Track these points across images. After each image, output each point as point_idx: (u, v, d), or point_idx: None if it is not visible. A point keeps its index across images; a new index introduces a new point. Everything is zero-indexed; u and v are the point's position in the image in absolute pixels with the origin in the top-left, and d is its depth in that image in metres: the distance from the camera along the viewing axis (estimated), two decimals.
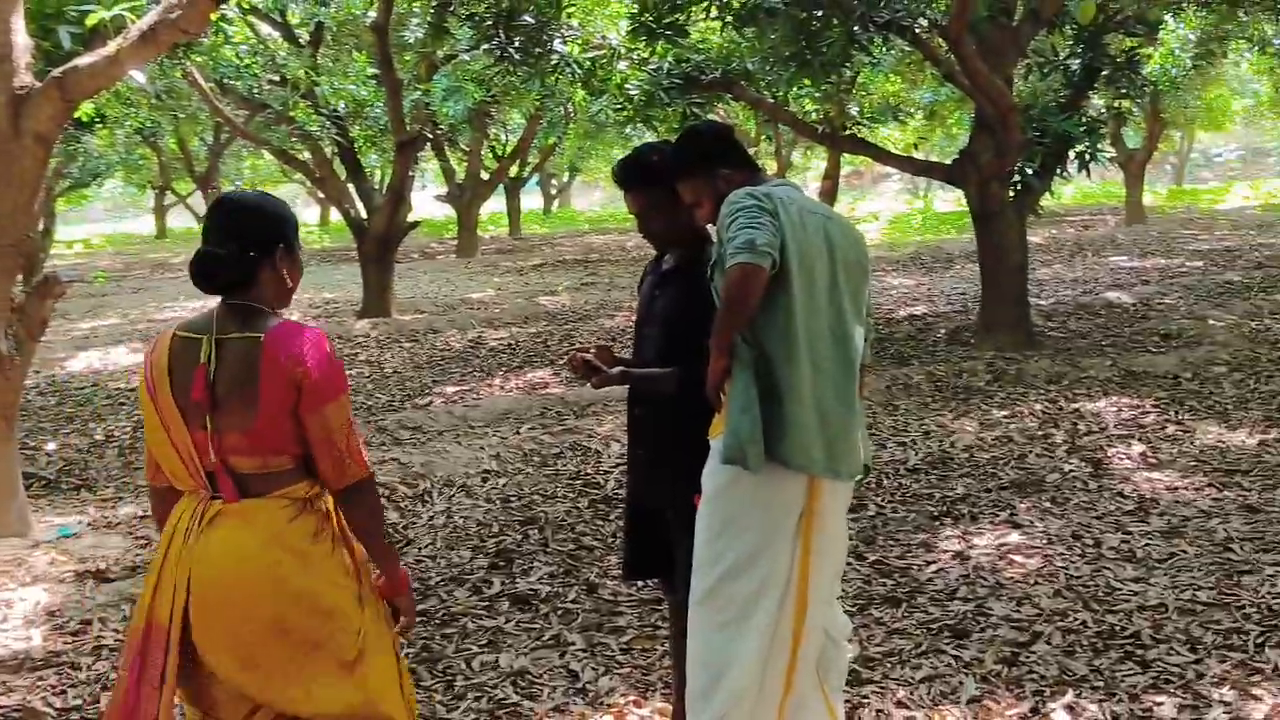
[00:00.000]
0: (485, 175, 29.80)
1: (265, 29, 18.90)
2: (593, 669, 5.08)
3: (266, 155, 33.12)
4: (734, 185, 3.71)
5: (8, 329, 6.79)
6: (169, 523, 3.16)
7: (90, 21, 7.17)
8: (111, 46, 6.57)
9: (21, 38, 6.51)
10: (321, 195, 38.73)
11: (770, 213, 3.46)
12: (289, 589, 3.06)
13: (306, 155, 19.04)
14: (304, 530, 3.12)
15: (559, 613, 5.76)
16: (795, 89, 13.87)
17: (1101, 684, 4.62)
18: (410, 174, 17.13)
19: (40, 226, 7.66)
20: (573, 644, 5.36)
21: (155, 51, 7.01)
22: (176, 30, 6.62)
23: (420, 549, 6.81)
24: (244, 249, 3.13)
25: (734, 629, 3.60)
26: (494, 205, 40.74)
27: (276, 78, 17.34)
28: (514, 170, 32.51)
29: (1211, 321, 12.43)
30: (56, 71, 6.55)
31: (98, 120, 20.02)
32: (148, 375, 3.13)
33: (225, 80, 16.70)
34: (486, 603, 5.93)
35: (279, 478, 3.10)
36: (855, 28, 10.98)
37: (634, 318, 4.36)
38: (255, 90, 17.16)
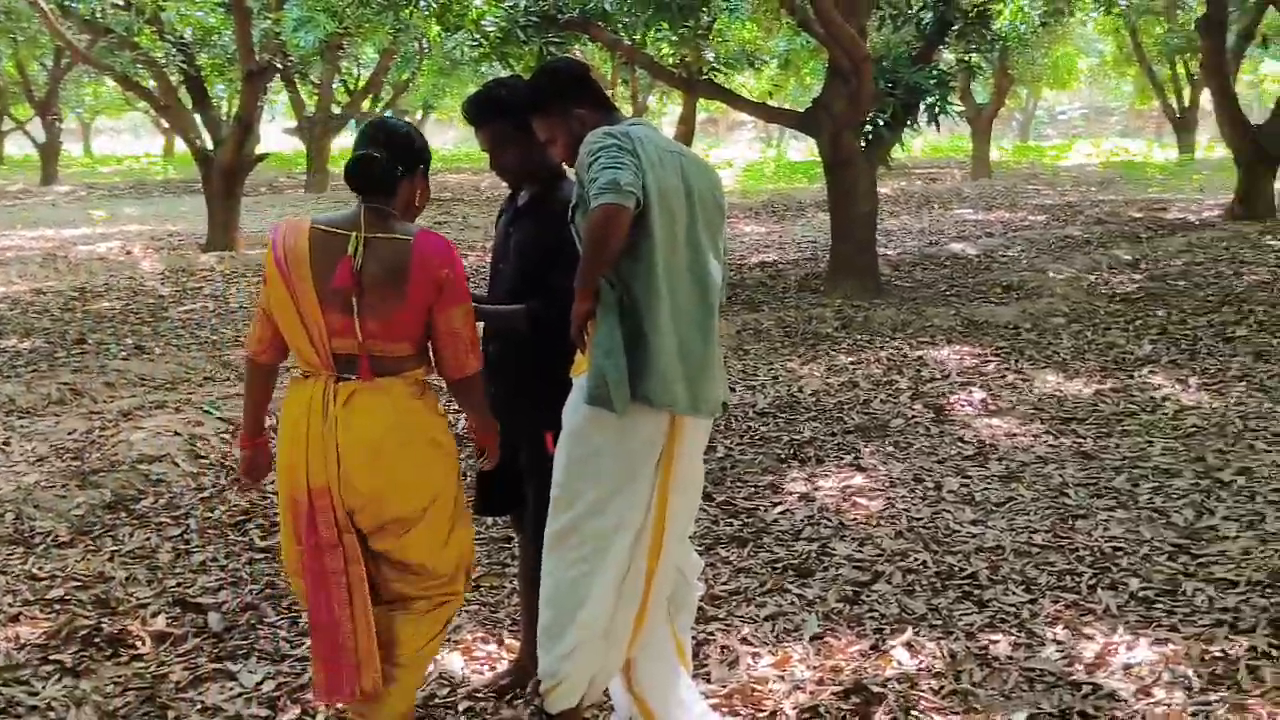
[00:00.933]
0: (337, 109, 29.30)
1: None
2: None
3: (109, 82, 32.15)
4: (589, 125, 3.68)
5: None
6: (298, 405, 3.50)
7: None
8: None
9: None
10: (166, 125, 37.80)
11: (630, 151, 3.43)
12: (417, 455, 3.54)
13: (151, 83, 18.51)
14: (430, 407, 3.60)
15: None
16: (653, 32, 13.85)
17: (940, 622, 4.73)
18: (259, 105, 16.76)
19: None
20: None
21: None
22: None
23: (266, 485, 6.70)
24: (393, 160, 3.56)
25: (588, 566, 3.60)
26: (345, 141, 40.10)
27: (121, 1, 16.81)
28: (366, 105, 31.99)
29: (1052, 274, 12.75)
30: None
31: None
32: (280, 258, 3.47)
33: (67, 2, 16.14)
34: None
35: (402, 361, 3.52)
36: None
37: (488, 257, 4.32)
38: (99, 14, 16.63)
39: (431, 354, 3.60)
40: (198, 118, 17.46)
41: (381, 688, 3.58)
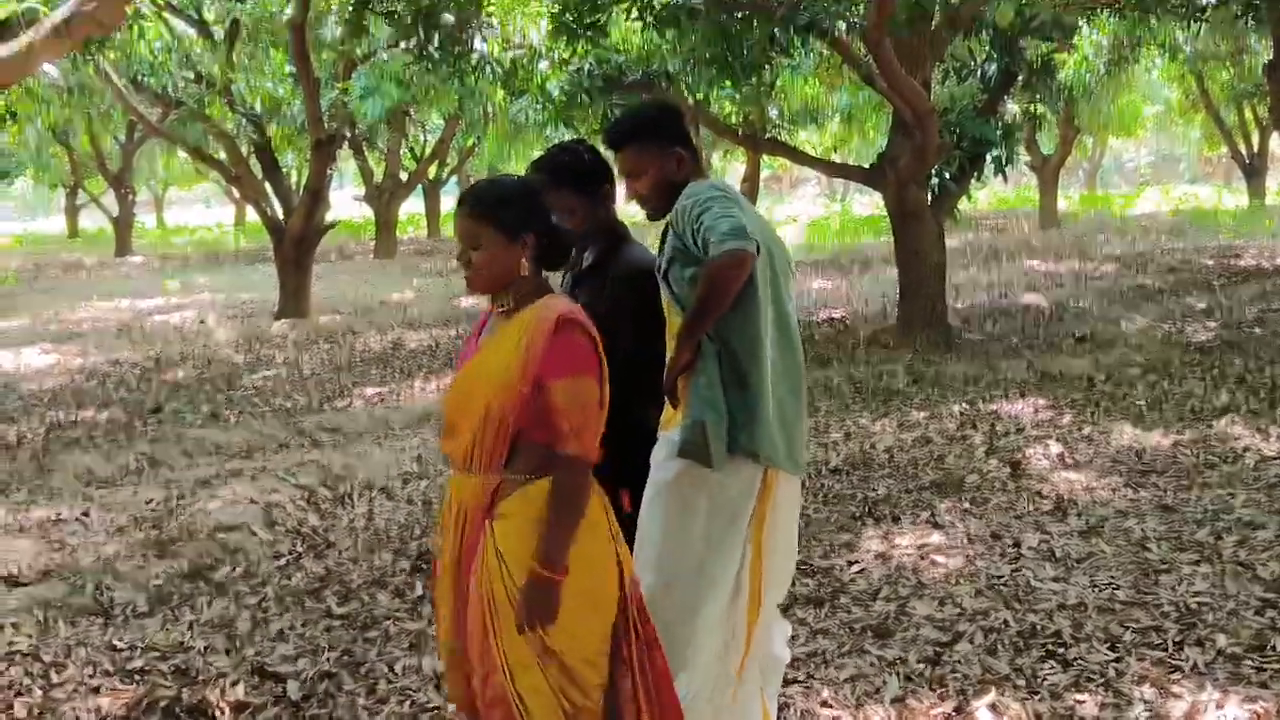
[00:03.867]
0: (404, 176, 29.64)
1: (180, 25, 18.65)
2: None
3: (181, 154, 32.72)
4: (683, 167, 3.75)
5: None
6: (600, 499, 3.28)
7: (1, 14, 7.04)
8: (24, 39, 6.45)
9: None
10: (237, 195, 38.37)
11: (737, 205, 3.46)
12: None
13: (222, 154, 18.83)
14: None
15: None
16: (716, 91, 13.92)
17: (1024, 683, 4.65)
18: (328, 173, 16.97)
19: None
20: None
21: (69, 45, 6.91)
22: (92, 23, 6.52)
23: (341, 551, 6.73)
24: None
25: (685, 629, 3.58)
26: (412, 206, 40.56)
27: (192, 75, 17.14)
28: (433, 171, 32.38)
29: (1125, 324, 12.62)
30: None
31: (8, 117, 19.69)
32: (600, 356, 3.25)
33: (140, 77, 16.48)
34: (409, 606, 5.87)
35: None
36: (775, 30, 11.03)
37: None
38: (170, 87, 16.95)
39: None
40: (268, 187, 17.72)
41: None
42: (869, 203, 41.36)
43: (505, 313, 3.32)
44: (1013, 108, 15.38)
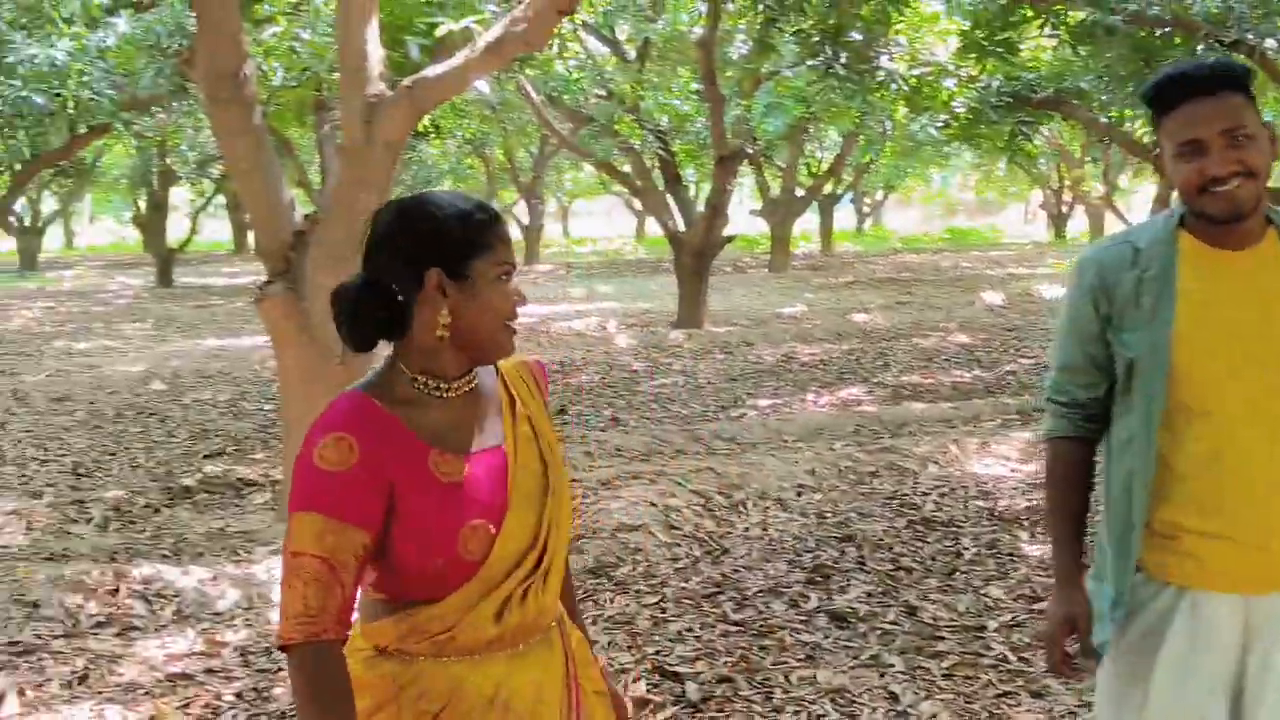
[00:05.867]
0: (800, 191, 29.84)
1: (594, 44, 19.41)
2: (914, 693, 4.98)
3: (586, 167, 34.02)
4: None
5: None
6: None
7: (438, 33, 7.48)
8: (460, 57, 6.82)
9: (375, 48, 6.79)
10: (639, 207, 39.56)
11: None
12: None
13: (627, 167, 19.45)
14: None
15: (878, 632, 5.68)
16: (1131, 110, 13.44)
17: None
18: (729, 188, 17.29)
19: None
20: (892, 665, 5.28)
21: (499, 63, 7.27)
22: (521, 43, 6.83)
23: (736, 558, 6.84)
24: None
25: None
26: (805, 222, 40.82)
27: (603, 92, 17.79)
28: (828, 187, 32.47)
29: None
30: (407, 81, 6.82)
31: (432, 130, 20.92)
32: None
33: (555, 93, 17.21)
34: (804, 617, 5.91)
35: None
36: (1199, 47, 10.54)
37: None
38: (582, 103, 17.64)
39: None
40: (670, 200, 18.19)
41: None
42: None
43: (472, 385, 2.41)
44: None
